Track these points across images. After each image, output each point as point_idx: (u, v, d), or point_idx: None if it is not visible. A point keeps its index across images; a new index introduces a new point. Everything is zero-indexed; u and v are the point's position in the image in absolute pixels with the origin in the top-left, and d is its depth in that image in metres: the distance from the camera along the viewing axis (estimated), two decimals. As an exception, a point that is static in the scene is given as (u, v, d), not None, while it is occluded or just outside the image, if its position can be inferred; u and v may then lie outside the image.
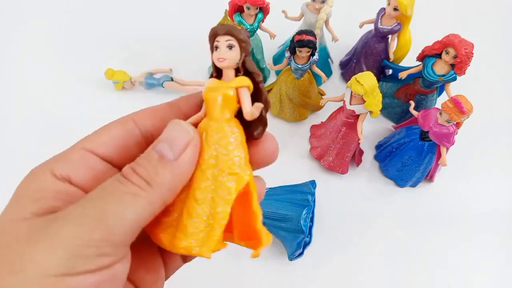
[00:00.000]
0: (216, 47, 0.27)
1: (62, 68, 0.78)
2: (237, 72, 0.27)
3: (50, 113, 0.72)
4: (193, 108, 0.29)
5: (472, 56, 0.59)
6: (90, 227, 0.21)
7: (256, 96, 0.28)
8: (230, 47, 0.27)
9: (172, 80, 0.74)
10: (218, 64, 0.27)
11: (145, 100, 0.75)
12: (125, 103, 0.74)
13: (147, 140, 0.27)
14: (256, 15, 0.67)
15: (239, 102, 0.27)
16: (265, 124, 0.28)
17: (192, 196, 0.26)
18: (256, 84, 0.28)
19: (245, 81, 0.27)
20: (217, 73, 0.28)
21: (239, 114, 0.27)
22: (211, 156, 0.26)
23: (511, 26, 0.94)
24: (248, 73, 0.28)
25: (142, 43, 0.83)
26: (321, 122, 0.70)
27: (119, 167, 0.26)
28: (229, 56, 0.26)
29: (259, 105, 0.27)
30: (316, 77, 0.69)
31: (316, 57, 0.64)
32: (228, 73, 0.27)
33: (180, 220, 0.26)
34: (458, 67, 0.61)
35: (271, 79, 0.79)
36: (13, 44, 0.83)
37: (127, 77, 0.73)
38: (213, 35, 0.27)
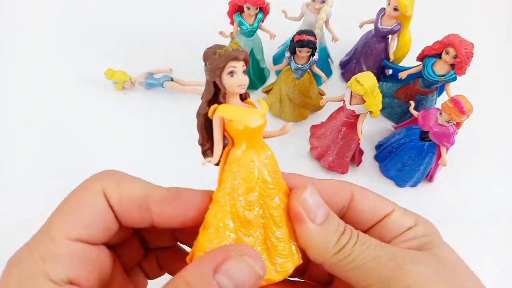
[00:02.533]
0: (232, 72, 0.26)
1: (62, 68, 0.78)
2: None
3: (50, 113, 0.72)
4: (162, 216, 0.27)
5: (472, 56, 0.59)
6: None
7: None
8: (245, 72, 0.26)
9: (172, 80, 0.74)
10: (239, 91, 0.26)
11: (145, 100, 0.75)
12: (125, 103, 0.74)
13: (118, 218, 0.26)
14: (256, 15, 0.67)
15: None
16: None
17: (276, 225, 0.28)
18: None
19: (266, 105, 0.28)
20: (215, 97, 0.27)
21: None
22: (273, 183, 0.28)
23: (511, 26, 0.94)
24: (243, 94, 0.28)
25: (142, 43, 0.83)
26: (321, 122, 0.70)
27: (103, 242, 0.26)
28: (247, 81, 0.26)
29: (287, 128, 0.29)
30: (316, 77, 0.69)
31: (316, 57, 0.64)
32: (236, 98, 0.27)
33: (270, 252, 0.29)
34: (458, 67, 0.61)
35: (271, 79, 0.79)
36: (13, 44, 0.83)
37: (127, 77, 0.73)
38: (231, 59, 0.26)
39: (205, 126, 0.28)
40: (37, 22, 0.87)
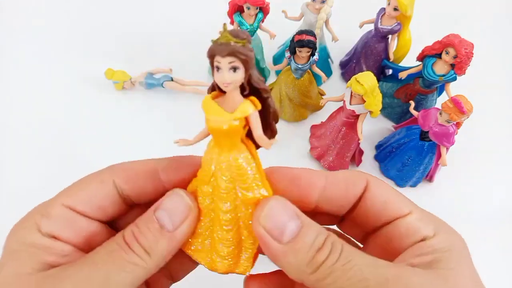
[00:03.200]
0: (218, 68, 0.24)
1: (62, 68, 0.78)
2: (243, 89, 0.25)
3: (50, 113, 0.72)
4: (170, 180, 0.29)
5: (472, 56, 0.59)
6: None
7: (264, 110, 0.27)
8: (234, 69, 0.23)
9: (172, 80, 0.74)
10: (223, 89, 0.24)
11: (145, 100, 0.75)
12: (125, 103, 0.74)
13: (125, 200, 0.29)
14: (256, 15, 0.67)
15: (247, 124, 0.26)
16: (273, 132, 0.29)
17: (220, 227, 0.28)
18: (263, 100, 0.26)
19: (248, 109, 0.25)
20: (220, 89, 0.26)
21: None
22: (226, 188, 0.27)
23: (511, 26, 0.94)
24: (254, 89, 0.26)
25: (142, 43, 0.83)
26: (321, 122, 0.70)
27: (95, 219, 0.28)
28: (233, 79, 0.24)
29: (272, 142, 0.27)
30: (316, 77, 0.69)
31: (316, 57, 0.64)
32: (233, 93, 0.25)
33: (213, 246, 0.29)
34: (458, 67, 0.61)
35: (271, 79, 0.79)
36: (13, 44, 0.83)
37: (127, 77, 0.73)
38: (211, 56, 0.24)
39: None
40: (37, 22, 0.86)
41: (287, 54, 0.64)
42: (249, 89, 0.25)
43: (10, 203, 0.62)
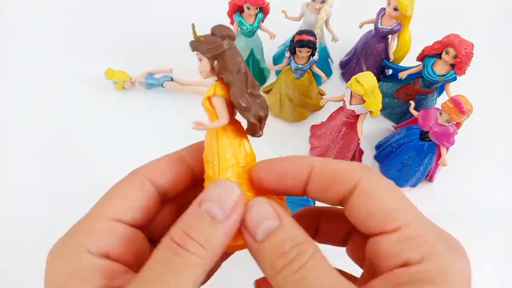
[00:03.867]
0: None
1: (62, 68, 0.78)
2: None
3: (50, 112, 0.72)
4: (199, 159, 0.29)
5: (472, 56, 0.59)
6: None
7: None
8: (200, 60, 0.27)
9: (172, 80, 0.74)
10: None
11: (145, 100, 0.75)
12: (125, 103, 0.74)
13: (162, 197, 0.28)
14: (256, 15, 0.67)
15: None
16: (253, 128, 0.28)
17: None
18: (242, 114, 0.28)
19: (210, 90, 0.27)
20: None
21: None
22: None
23: (511, 26, 0.94)
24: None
25: (142, 43, 0.83)
26: (321, 122, 0.70)
27: (141, 227, 0.27)
28: (201, 69, 0.27)
29: (213, 124, 0.28)
30: (316, 77, 0.69)
31: (316, 57, 0.64)
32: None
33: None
34: (458, 67, 0.61)
35: (271, 79, 0.79)
36: (13, 44, 0.83)
37: (127, 77, 0.73)
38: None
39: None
40: (37, 22, 0.87)
41: (287, 54, 0.64)
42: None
43: (10, 203, 0.62)
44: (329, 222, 0.32)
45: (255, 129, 0.28)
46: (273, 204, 0.25)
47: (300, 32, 0.61)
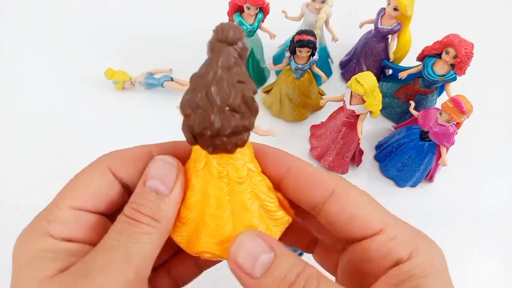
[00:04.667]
0: None
1: (62, 68, 0.78)
2: None
3: (50, 112, 0.72)
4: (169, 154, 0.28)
5: (472, 56, 0.59)
6: (121, 271, 0.22)
7: None
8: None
9: (172, 80, 0.74)
10: None
11: (145, 100, 0.75)
12: (125, 103, 0.74)
13: (126, 189, 0.28)
14: (256, 15, 0.67)
15: None
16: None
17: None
18: None
19: None
20: None
21: None
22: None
23: (511, 26, 0.94)
24: None
25: (142, 43, 0.83)
26: (321, 122, 0.70)
27: (105, 214, 0.27)
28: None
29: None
30: (316, 77, 0.69)
31: (316, 57, 0.64)
32: None
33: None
34: (458, 67, 0.61)
35: (271, 79, 0.79)
36: (13, 43, 0.83)
37: (127, 77, 0.73)
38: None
39: None
40: (37, 22, 0.86)
41: (287, 54, 0.64)
42: None
43: (10, 201, 0.62)
44: (297, 226, 0.32)
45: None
46: (261, 234, 0.24)
47: (300, 32, 0.61)
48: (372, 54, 0.73)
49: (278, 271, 0.22)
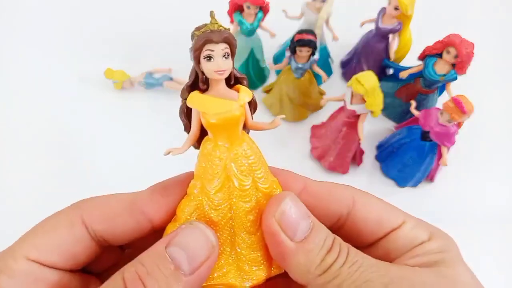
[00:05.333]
0: (209, 57, 0.23)
1: (62, 68, 0.78)
2: (228, 79, 0.25)
3: (50, 112, 0.72)
4: (158, 210, 0.25)
5: (473, 56, 0.59)
6: None
7: None
8: (227, 56, 0.23)
9: (171, 79, 0.74)
10: (216, 77, 0.24)
11: (145, 100, 0.75)
12: (124, 102, 0.74)
13: (99, 242, 0.25)
14: (256, 14, 0.66)
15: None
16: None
17: (244, 232, 0.25)
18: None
19: (250, 93, 0.25)
20: (206, 83, 0.25)
21: None
22: (244, 185, 0.25)
23: (511, 26, 0.94)
24: (236, 78, 0.26)
25: (141, 42, 0.83)
26: (322, 122, 0.70)
27: (65, 269, 0.24)
28: (228, 66, 0.24)
29: (279, 118, 0.26)
30: (317, 77, 0.69)
31: (316, 56, 0.63)
32: (220, 84, 0.24)
33: (240, 258, 0.26)
34: (459, 66, 0.60)
35: (271, 79, 0.78)
36: (13, 43, 0.83)
37: (126, 77, 0.73)
38: (205, 43, 0.23)
39: (186, 112, 0.26)
40: (37, 22, 0.86)
41: (288, 53, 0.64)
42: (234, 80, 0.25)
43: (10, 202, 0.62)
44: None
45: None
46: (300, 200, 0.25)
47: (300, 32, 0.61)
48: (373, 53, 0.73)
49: (318, 238, 0.23)
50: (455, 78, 0.62)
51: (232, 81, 0.25)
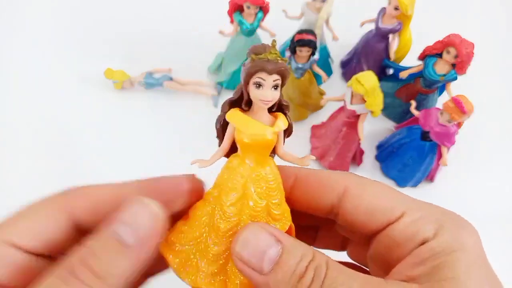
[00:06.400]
0: (259, 85, 0.24)
1: (62, 68, 0.78)
2: (271, 106, 0.25)
3: (50, 112, 0.72)
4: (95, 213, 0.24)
5: (473, 56, 0.59)
6: None
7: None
8: (276, 87, 0.24)
9: (171, 79, 0.74)
10: (261, 105, 0.24)
11: (145, 100, 0.74)
12: (124, 102, 0.74)
13: (81, 232, 0.24)
14: (256, 14, 0.66)
15: None
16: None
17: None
18: (285, 115, 0.26)
19: (286, 122, 0.25)
20: (248, 105, 0.26)
21: None
22: (259, 206, 0.25)
23: (511, 26, 0.94)
24: (280, 106, 0.26)
25: (141, 42, 0.83)
26: (322, 122, 0.70)
27: (45, 255, 0.23)
28: (274, 97, 0.24)
29: (311, 158, 0.26)
30: (317, 77, 0.69)
31: (316, 56, 0.63)
32: (262, 110, 0.25)
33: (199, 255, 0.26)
34: (459, 66, 0.60)
35: (271, 78, 0.78)
36: (13, 43, 0.82)
37: (126, 77, 0.73)
38: (258, 71, 0.23)
39: (222, 124, 0.26)
40: (37, 22, 0.86)
41: (287, 53, 0.64)
42: (277, 106, 0.26)
43: (10, 202, 0.62)
44: (327, 229, 0.31)
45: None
46: (266, 227, 0.23)
47: (300, 31, 0.61)
48: (373, 53, 0.73)
49: (288, 265, 0.21)
50: (455, 78, 0.62)
51: (274, 108, 0.26)
